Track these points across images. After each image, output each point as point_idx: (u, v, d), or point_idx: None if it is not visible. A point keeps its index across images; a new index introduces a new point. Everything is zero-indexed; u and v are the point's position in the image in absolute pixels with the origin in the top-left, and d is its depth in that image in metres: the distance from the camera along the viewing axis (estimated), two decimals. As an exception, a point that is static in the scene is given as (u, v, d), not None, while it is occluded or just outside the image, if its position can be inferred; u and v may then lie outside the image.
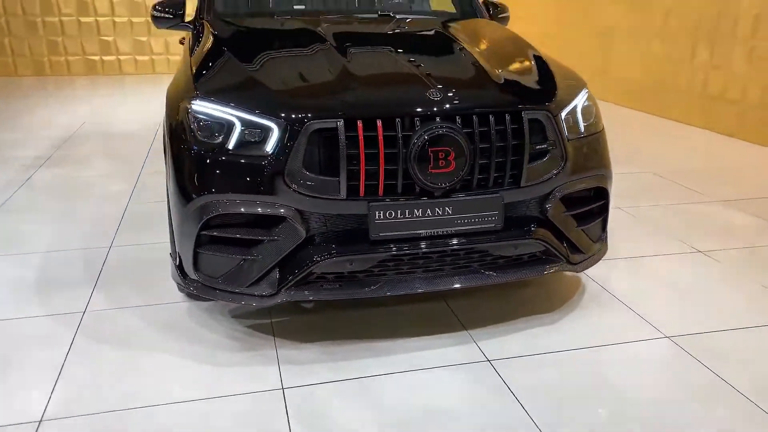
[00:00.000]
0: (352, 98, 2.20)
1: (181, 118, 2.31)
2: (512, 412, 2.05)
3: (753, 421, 2.01)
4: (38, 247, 3.33)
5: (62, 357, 2.34)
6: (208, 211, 2.19)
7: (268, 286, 2.22)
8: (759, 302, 2.78)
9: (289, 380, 2.21)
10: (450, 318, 2.62)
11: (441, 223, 2.21)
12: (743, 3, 5.76)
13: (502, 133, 2.21)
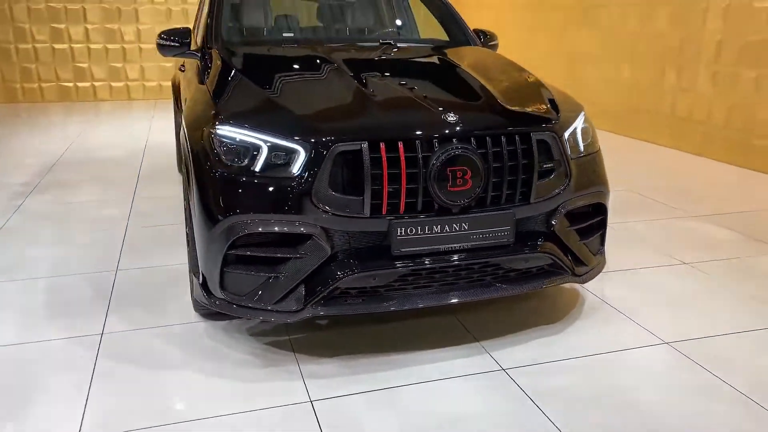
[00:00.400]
0: (375, 122, 2.32)
1: (205, 143, 2.40)
2: (534, 417, 2.16)
3: (752, 416, 2.16)
4: (44, 272, 3.35)
5: (88, 378, 2.38)
6: (236, 231, 2.28)
7: (294, 302, 2.30)
8: (746, 309, 2.96)
9: (316, 393, 2.29)
10: (460, 331, 2.73)
11: (458, 238, 2.33)
12: (707, 30, 6.10)
13: (513, 152, 2.36)
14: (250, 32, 3.59)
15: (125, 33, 9.93)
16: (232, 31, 3.46)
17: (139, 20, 9.95)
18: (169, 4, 10.01)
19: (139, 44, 10.03)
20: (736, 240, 3.90)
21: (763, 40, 5.52)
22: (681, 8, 6.39)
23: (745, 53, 5.71)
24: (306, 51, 3.22)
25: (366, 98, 2.49)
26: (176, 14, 10.07)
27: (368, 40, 3.70)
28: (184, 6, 10.08)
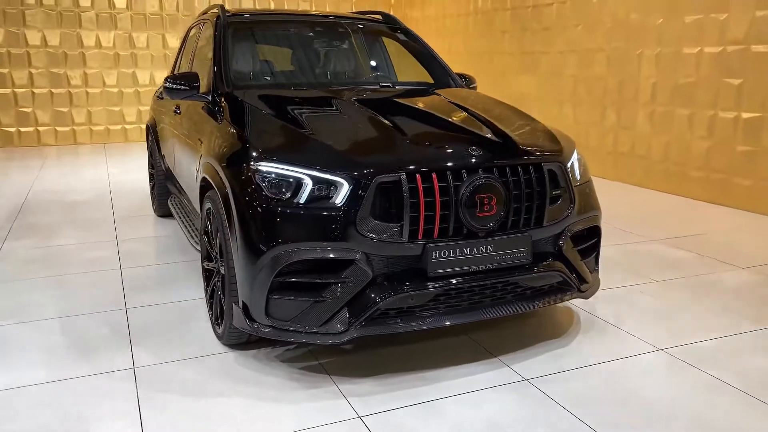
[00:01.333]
0: (410, 155, 2.55)
1: (247, 179, 2.55)
2: (566, 419, 2.39)
3: (750, 407, 2.47)
4: (52, 313, 3.34)
5: (136, 410, 2.44)
6: (283, 260, 2.43)
7: (339, 324, 2.46)
8: (721, 317, 3.32)
9: (363, 409, 2.44)
10: (476, 348, 2.95)
11: (485, 259, 2.57)
12: (642, 73, 6.73)
13: (529, 181, 2.64)
14: (255, 77, 3.77)
15: (72, 77, 9.81)
16: (240, 76, 3.63)
17: (87, 64, 9.87)
18: (117, 49, 10.00)
19: (86, 88, 9.93)
20: (692, 259, 4.32)
21: (693, 83, 6.15)
22: (617, 54, 7.02)
23: (678, 94, 6.33)
24: (318, 92, 3.44)
25: (395, 134, 2.72)
26: (125, 59, 10.06)
27: (368, 83, 3.95)
28: (132, 51, 10.08)
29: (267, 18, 4.24)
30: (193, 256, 4.31)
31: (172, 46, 10.30)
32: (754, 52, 5.58)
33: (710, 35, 5.96)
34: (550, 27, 7.98)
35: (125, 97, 10.20)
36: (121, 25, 9.98)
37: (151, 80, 10.27)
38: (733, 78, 5.79)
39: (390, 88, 3.69)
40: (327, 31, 4.10)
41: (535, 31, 8.25)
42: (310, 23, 4.12)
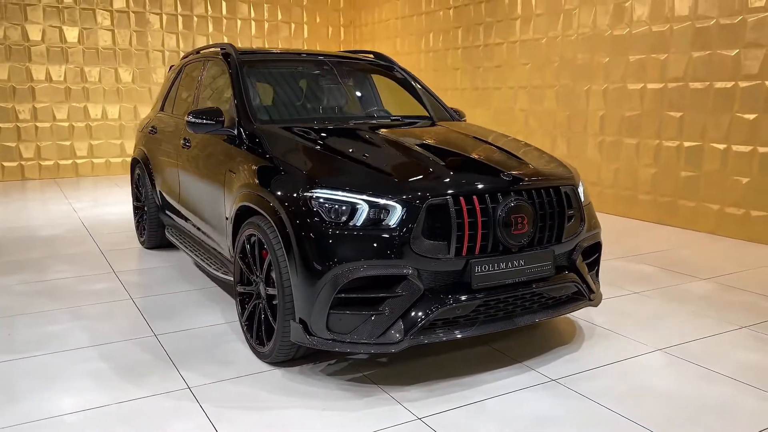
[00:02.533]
0: (453, 181, 2.85)
1: (304, 205, 2.78)
2: (600, 411, 2.71)
3: (744, 392, 2.87)
4: (82, 343, 3.40)
5: (209, 424, 2.58)
6: (343, 278, 2.66)
7: (396, 334, 2.70)
8: (701, 321, 3.76)
9: (420, 412, 2.68)
10: (500, 355, 3.25)
11: (518, 272, 2.89)
12: (590, 107, 7.35)
13: (551, 202, 2.99)
14: (276, 111, 3.98)
15: (20, 111, 9.60)
16: (262, 110, 3.83)
17: (36, 99, 9.69)
18: (68, 83, 9.88)
19: (36, 123, 9.73)
20: (659, 273, 4.80)
21: (639, 115, 6.80)
22: (566, 91, 7.63)
23: (625, 125, 6.97)
24: (341, 125, 3.70)
25: (432, 162, 3.02)
26: (76, 93, 9.94)
27: (379, 116, 4.24)
28: (84, 85, 9.98)
29: (277, 57, 4.47)
30: (199, 284, 4.43)
31: (125, 80, 10.27)
32: (692, 89, 6.26)
33: (652, 73, 6.63)
34: (501, 65, 8.57)
35: (76, 132, 10.05)
36: (72, 59, 9.89)
37: (104, 114, 10.18)
38: (674, 111, 6.45)
39: (400, 121, 4.00)
40: (333, 68, 4.38)
41: (487, 69, 8.82)
42: (317, 62, 4.38)
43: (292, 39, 11.59)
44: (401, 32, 10.65)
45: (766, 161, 5.72)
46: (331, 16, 12.04)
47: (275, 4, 11.39)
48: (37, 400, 2.77)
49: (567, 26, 7.57)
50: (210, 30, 10.87)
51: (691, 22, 6.22)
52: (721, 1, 5.94)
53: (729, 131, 5.99)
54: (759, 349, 3.36)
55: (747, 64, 5.80)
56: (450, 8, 9.45)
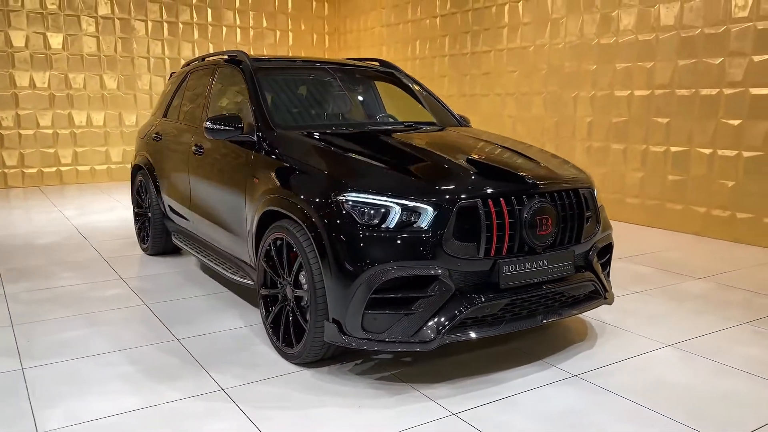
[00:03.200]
0: (481, 184, 2.95)
1: (337, 209, 2.86)
2: (622, 403, 2.83)
3: (760, 386, 3.02)
4: (104, 348, 3.41)
5: (250, 424, 2.63)
6: (378, 279, 2.74)
7: (429, 333, 2.79)
8: (703, 318, 3.92)
9: (453, 408, 2.76)
10: (520, 353, 3.35)
11: (542, 272, 3.00)
12: (578, 113, 7.55)
13: (571, 204, 3.11)
14: (292, 118, 4.03)
15: (3, 119, 9.47)
16: (280, 117, 3.88)
17: (20, 105, 9.57)
18: (52, 90, 9.78)
19: (19, 130, 9.61)
20: (657, 273, 4.97)
21: (626, 121, 7.01)
22: (553, 97, 7.83)
23: (612, 131, 7.17)
24: (360, 131, 3.78)
25: (457, 165, 3.12)
26: (60, 99, 9.84)
27: (393, 123, 4.32)
28: (68, 92, 9.89)
29: (289, 64, 4.52)
30: (210, 289, 4.45)
31: (110, 87, 10.20)
32: (679, 95, 6.49)
33: (639, 80, 6.85)
34: (489, 72, 8.74)
35: (60, 139, 9.94)
36: (56, 66, 9.79)
37: (88, 121, 10.09)
38: (661, 117, 6.67)
39: (413, 126, 4.10)
40: (344, 75, 4.46)
41: (474, 76, 8.98)
42: (328, 69, 4.46)
43: (277, 46, 11.63)
44: (387, 40, 10.77)
45: (751, 165, 5.95)
46: (316, 24, 12.11)
47: (260, 12, 11.43)
48: (74, 404, 2.79)
49: (554, 35, 7.77)
50: (195, 37, 10.86)
51: (676, 31, 6.45)
52: (705, 12, 6.18)
53: (714, 136, 6.22)
54: (761, 344, 3.52)
55: (731, 72, 6.03)
56: (436, 17, 9.60)
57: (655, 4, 6.61)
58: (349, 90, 4.49)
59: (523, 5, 8.15)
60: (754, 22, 5.82)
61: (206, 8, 10.92)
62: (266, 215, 3.36)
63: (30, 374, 3.09)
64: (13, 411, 2.74)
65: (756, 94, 5.87)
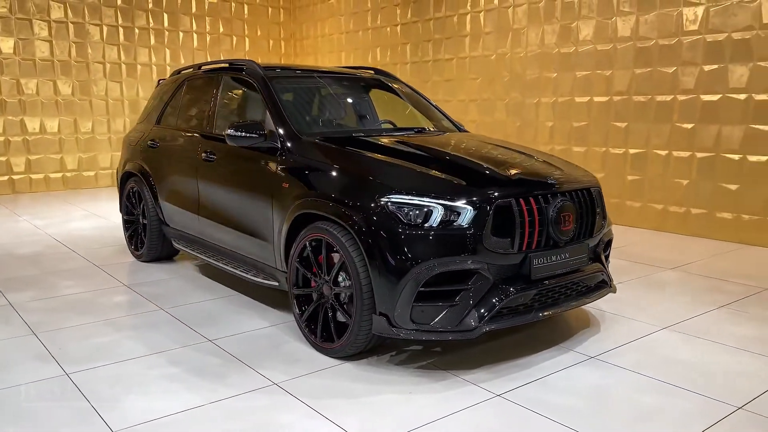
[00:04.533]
0: (513, 184, 3.22)
1: (382, 211, 3.06)
2: (641, 378, 3.16)
3: (756, 360, 3.43)
4: (140, 352, 3.48)
5: (315, 413, 2.80)
6: (426, 274, 2.97)
7: (471, 322, 3.03)
8: (687, 303, 4.34)
9: (497, 389, 3.02)
10: (539, 340, 3.65)
11: (564, 264, 3.30)
12: (540, 117, 7.99)
13: (586, 201, 3.43)
14: (309, 125, 4.19)
15: (-48, 126, 9.10)
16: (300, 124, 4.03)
17: (-31, 113, 9.21)
18: (4, 96, 9.46)
19: (-31, 138, 9.24)
20: (633, 265, 5.41)
21: (586, 125, 7.49)
22: (516, 103, 8.24)
23: (573, 135, 7.65)
24: (380, 136, 3.99)
25: (485, 168, 3.38)
26: (11, 106, 9.53)
27: (404, 130, 4.52)
28: (20, 97, 9.59)
29: (298, 73, 4.64)
30: (220, 293, 4.55)
31: (64, 92, 9.95)
32: (636, 101, 7.01)
33: (598, 87, 7.34)
34: (451, 79, 9.09)
35: (12, 146, 9.62)
36: (8, 71, 9.48)
37: (42, 128, 9.81)
38: (620, 122, 7.18)
39: (423, 131, 4.35)
40: (350, 84, 4.66)
41: (437, 83, 9.32)
42: (335, 77, 4.64)
43: (234, 52, 11.63)
44: (346, 47, 10.98)
45: (703, 165, 6.51)
46: (272, 30, 12.18)
47: (217, 17, 11.40)
48: (137, 403, 2.87)
49: (516, 44, 8.19)
50: (152, 42, 10.73)
51: (633, 42, 6.97)
52: (659, 25, 6.72)
53: (670, 139, 6.76)
54: (743, 324, 3.95)
55: (684, 80, 6.59)
56: (397, 25, 9.89)
57: (612, 16, 7.12)
58: (355, 97, 4.69)
59: (485, 15, 8.55)
60: (704, 35, 6.39)
61: (162, 13, 10.81)
62: (298, 218, 3.52)
63: (78, 378, 3.14)
64: (75, 412, 2.80)
65: (707, 100, 6.43)
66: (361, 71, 5.06)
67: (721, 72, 6.30)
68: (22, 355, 3.45)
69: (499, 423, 2.73)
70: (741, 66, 6.16)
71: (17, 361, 3.37)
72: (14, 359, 3.39)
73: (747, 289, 4.70)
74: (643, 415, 2.80)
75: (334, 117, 4.49)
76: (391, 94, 4.95)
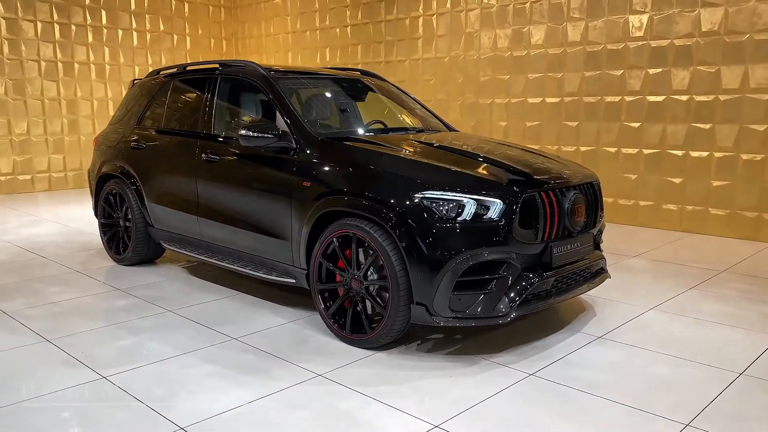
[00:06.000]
0: (536, 179, 3.46)
1: (418, 206, 3.24)
2: (649, 353, 3.50)
3: (737, 332, 3.85)
4: (170, 352, 3.48)
5: (371, 399, 2.94)
6: (463, 265, 3.17)
7: (503, 308, 3.26)
8: (658, 286, 4.77)
9: (527, 369, 3.26)
10: (546, 324, 3.93)
11: (577, 252, 3.60)
12: (494, 117, 8.37)
13: (591, 194, 3.74)
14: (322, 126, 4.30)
15: None
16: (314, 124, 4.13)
17: None
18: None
19: None
20: (599, 255, 5.81)
21: (539, 125, 7.93)
22: (470, 103, 8.59)
23: (527, 133, 8.07)
24: (392, 136, 4.15)
25: (505, 164, 3.61)
26: None
27: (404, 129, 4.67)
28: None
29: (300, 75, 4.68)
30: (223, 293, 4.56)
31: (-2, 92, 9.45)
32: (586, 102, 7.50)
33: (550, 89, 7.79)
34: (405, 80, 9.32)
35: (-58, 149, 9.04)
36: (-65, 69, 8.90)
37: (-26, 130, 9.27)
38: (571, 121, 7.66)
39: (422, 132, 4.54)
40: (350, 86, 4.78)
41: (390, 83, 9.52)
42: (335, 79, 4.76)
43: (175, 50, 11.39)
44: (293, 47, 11.00)
45: (650, 160, 7.07)
46: (213, 28, 12.00)
47: (157, 15, 11.13)
48: (192, 402, 2.91)
49: (469, 47, 8.54)
50: (90, 40, 10.35)
51: (582, 46, 7.45)
52: (608, 30, 7.22)
53: (619, 137, 7.29)
54: (712, 302, 4.40)
55: (631, 83, 7.12)
56: (347, 26, 10.03)
57: (563, 22, 7.58)
58: (356, 98, 4.82)
59: (438, 19, 8.84)
60: (649, 41, 6.94)
61: (100, 10, 10.44)
62: (323, 216, 3.63)
63: (118, 380, 3.12)
64: (133, 412, 2.81)
65: (652, 101, 6.99)
66: (349, 72, 5.18)
67: (665, 75, 6.87)
68: (44, 361, 3.38)
69: (543, 398, 2.97)
70: (683, 70, 6.74)
71: (44, 367, 3.30)
72: (39, 366, 3.31)
73: (705, 272, 5.19)
74: (664, 384, 3.12)
75: (341, 117, 4.60)
76: (384, 94, 5.08)
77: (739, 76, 6.40)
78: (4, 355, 3.46)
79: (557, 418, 2.79)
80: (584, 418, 2.79)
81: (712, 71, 6.55)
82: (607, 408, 2.88)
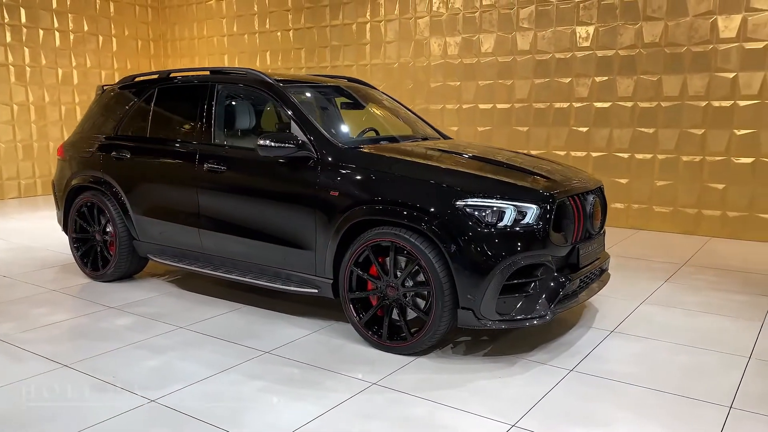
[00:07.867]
0: (564, 187, 3.63)
1: (459, 214, 3.34)
2: (659, 344, 3.78)
3: (724, 319, 4.22)
4: (206, 372, 3.37)
5: (435, 404, 3.00)
6: (509, 269, 3.31)
7: (542, 309, 3.42)
8: (639, 281, 5.11)
9: (565, 365, 3.44)
10: (560, 322, 4.12)
11: (594, 253, 3.83)
12: (446, 122, 8.59)
13: (602, 198, 3.99)
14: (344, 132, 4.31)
15: None
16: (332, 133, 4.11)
17: None
18: None
19: None
20: (567, 253, 6.15)
21: (490, 130, 8.24)
22: (421, 109, 8.75)
23: (478, 138, 8.35)
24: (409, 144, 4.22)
25: (532, 171, 3.77)
26: None
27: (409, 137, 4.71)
28: None
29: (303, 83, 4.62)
30: (227, 306, 4.44)
31: None
32: (536, 108, 7.88)
33: (500, 95, 8.11)
34: (352, 85, 9.36)
35: None
36: None
37: None
38: (521, 126, 8.02)
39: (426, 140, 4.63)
40: (352, 94, 4.79)
41: (337, 88, 9.53)
42: (336, 87, 4.75)
43: (101, 52, 10.81)
44: (229, 50, 10.74)
45: (598, 163, 7.54)
46: (140, 29, 11.49)
47: (81, 14, 10.51)
48: (258, 420, 2.85)
49: (418, 54, 8.72)
50: (8, 40, 9.62)
51: (531, 55, 7.82)
52: (556, 40, 7.63)
53: (568, 141, 7.72)
54: (688, 293, 4.79)
55: (578, 90, 7.57)
56: (289, 30, 9.94)
57: (512, 32, 7.92)
58: (356, 107, 4.83)
59: (386, 25, 8.96)
60: (595, 51, 7.40)
61: (19, 8, 9.74)
62: (353, 225, 3.64)
63: (169, 403, 3.00)
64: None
65: (599, 107, 7.46)
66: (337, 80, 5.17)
67: (611, 83, 7.35)
68: (74, 387, 3.19)
69: (593, 392, 3.15)
70: (627, 78, 7.25)
71: (76, 395, 3.11)
72: (72, 395, 3.12)
73: (669, 266, 5.63)
74: (690, 371, 3.39)
75: (353, 125, 4.61)
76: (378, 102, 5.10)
77: (678, 85, 6.96)
78: (22, 385, 3.22)
79: (615, 409, 2.98)
80: (638, 407, 3.00)
81: (654, 80, 7.08)
82: (652, 397, 3.10)
